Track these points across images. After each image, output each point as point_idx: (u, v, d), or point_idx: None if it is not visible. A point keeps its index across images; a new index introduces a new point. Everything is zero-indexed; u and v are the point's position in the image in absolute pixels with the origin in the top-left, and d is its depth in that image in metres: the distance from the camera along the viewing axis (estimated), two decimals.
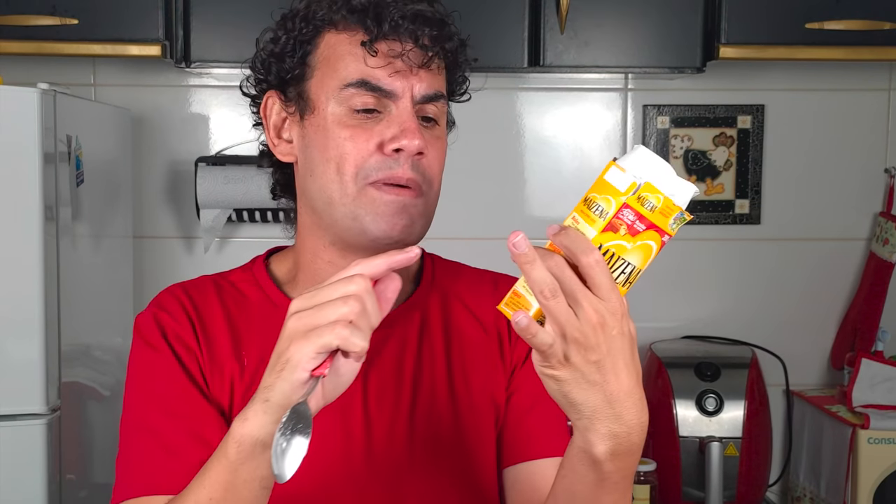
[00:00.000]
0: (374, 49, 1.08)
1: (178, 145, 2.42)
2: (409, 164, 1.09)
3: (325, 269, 1.16)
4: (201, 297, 1.18)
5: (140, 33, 2.06)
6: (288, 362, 0.91)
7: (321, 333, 0.90)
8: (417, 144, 1.08)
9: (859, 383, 2.25)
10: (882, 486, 2.14)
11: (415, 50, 1.09)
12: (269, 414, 0.93)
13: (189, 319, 1.15)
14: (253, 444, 0.94)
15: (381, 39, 1.08)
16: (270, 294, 1.19)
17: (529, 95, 2.46)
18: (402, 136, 1.08)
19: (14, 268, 1.73)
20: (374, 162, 1.09)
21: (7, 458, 1.74)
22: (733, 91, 2.47)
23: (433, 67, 1.11)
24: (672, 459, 2.20)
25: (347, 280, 0.92)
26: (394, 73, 1.09)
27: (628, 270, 0.88)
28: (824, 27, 2.09)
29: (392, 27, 1.08)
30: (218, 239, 2.40)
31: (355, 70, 1.09)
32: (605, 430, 0.91)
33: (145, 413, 1.12)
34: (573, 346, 0.87)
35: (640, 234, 0.87)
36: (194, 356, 1.13)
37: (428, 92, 1.11)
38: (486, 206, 2.41)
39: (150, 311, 1.17)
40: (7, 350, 1.74)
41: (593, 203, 0.88)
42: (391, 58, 1.08)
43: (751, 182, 2.48)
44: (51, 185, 1.77)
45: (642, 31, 2.14)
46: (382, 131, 1.09)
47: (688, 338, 2.47)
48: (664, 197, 0.87)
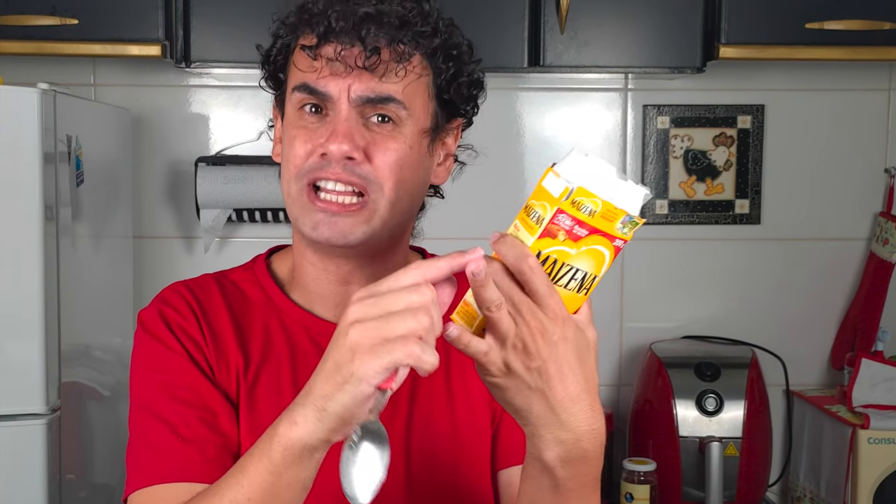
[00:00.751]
0: (315, 53, 1.09)
1: (178, 145, 2.42)
2: (340, 166, 1.08)
3: (309, 270, 1.17)
4: (205, 294, 1.18)
5: (140, 33, 2.06)
6: (352, 376, 0.86)
7: (391, 350, 0.85)
8: (343, 149, 1.07)
9: (859, 383, 2.25)
10: (882, 486, 2.14)
11: (354, 52, 1.07)
12: (325, 423, 0.89)
13: (194, 314, 1.15)
14: (302, 449, 0.91)
15: (325, 43, 1.08)
16: (272, 294, 1.19)
17: (529, 95, 2.46)
18: (330, 140, 1.08)
19: (14, 268, 1.73)
20: (311, 162, 1.10)
21: (7, 458, 1.74)
22: (733, 91, 2.47)
23: (380, 70, 1.08)
24: (672, 459, 2.20)
25: (414, 289, 0.86)
26: (329, 75, 1.08)
27: (580, 277, 0.87)
28: (824, 27, 2.09)
29: (329, 30, 1.08)
30: (218, 239, 2.40)
31: (300, 75, 1.11)
32: (550, 436, 0.91)
33: (156, 403, 1.11)
34: (512, 353, 0.87)
35: (582, 239, 0.85)
36: (201, 350, 1.14)
37: (366, 94, 1.08)
38: (486, 206, 2.41)
39: (154, 306, 1.17)
40: (7, 350, 1.74)
41: (532, 210, 0.88)
42: (328, 61, 1.08)
43: (751, 182, 2.48)
44: (51, 185, 1.77)
45: (642, 31, 2.14)
46: (322, 133, 1.10)
47: (688, 338, 2.47)
48: (602, 201, 0.84)
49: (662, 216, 2.47)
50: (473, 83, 1.19)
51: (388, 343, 0.85)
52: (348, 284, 1.16)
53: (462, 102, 1.18)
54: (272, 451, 0.92)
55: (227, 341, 1.15)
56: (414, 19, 1.10)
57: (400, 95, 1.09)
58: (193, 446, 1.08)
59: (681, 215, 2.47)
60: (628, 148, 2.47)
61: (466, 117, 1.21)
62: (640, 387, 2.36)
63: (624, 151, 2.47)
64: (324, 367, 0.90)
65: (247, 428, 1.12)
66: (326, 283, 1.17)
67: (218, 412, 1.11)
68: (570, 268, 0.86)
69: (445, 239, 2.36)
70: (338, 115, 1.08)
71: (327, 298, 1.18)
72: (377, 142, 1.09)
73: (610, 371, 2.49)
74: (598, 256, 0.86)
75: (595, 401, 0.92)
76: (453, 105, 1.17)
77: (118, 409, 2.18)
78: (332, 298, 1.17)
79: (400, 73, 1.09)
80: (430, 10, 1.13)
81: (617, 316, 2.49)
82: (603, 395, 2.47)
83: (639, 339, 2.48)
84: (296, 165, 1.10)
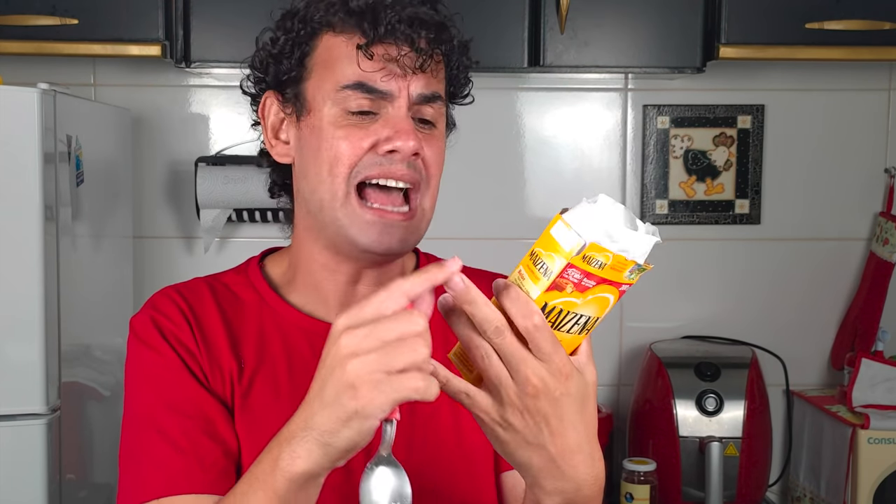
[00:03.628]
0: (370, 52, 1.08)
1: (178, 145, 2.42)
2: (406, 163, 1.09)
3: (321, 272, 1.16)
4: (196, 298, 1.17)
5: (140, 33, 2.06)
6: (357, 413, 0.83)
7: (397, 387, 0.82)
8: (412, 146, 1.08)
9: (859, 383, 2.25)
10: (882, 486, 2.14)
11: (410, 53, 1.09)
12: (330, 456, 0.87)
13: (186, 321, 1.14)
14: (306, 480, 0.89)
15: (378, 43, 1.08)
16: (266, 297, 1.18)
17: (529, 95, 2.46)
18: (397, 136, 1.08)
19: (14, 268, 1.73)
20: (368, 159, 1.09)
21: (7, 458, 1.74)
22: (733, 91, 2.47)
23: (429, 70, 1.10)
24: (672, 459, 2.20)
25: (407, 317, 0.83)
26: (389, 75, 1.09)
27: (582, 322, 0.86)
28: (824, 27, 2.09)
29: (388, 31, 1.08)
30: (218, 239, 2.40)
31: (352, 73, 1.09)
32: (551, 486, 0.91)
33: (152, 414, 1.10)
34: (510, 408, 0.86)
35: (589, 289, 0.84)
36: (194, 357, 1.13)
37: (424, 92, 1.10)
38: (486, 206, 2.41)
39: (145, 313, 1.16)
40: (7, 350, 1.74)
41: (538, 259, 0.85)
42: (387, 61, 1.08)
43: (751, 182, 2.48)
44: (51, 185, 1.76)
45: (642, 31, 2.14)
46: (378, 131, 1.09)
47: (688, 338, 2.47)
48: (613, 255, 0.83)
49: (662, 216, 2.46)
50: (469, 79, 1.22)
51: (392, 378, 0.83)
52: (357, 284, 1.16)
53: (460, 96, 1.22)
54: (276, 483, 0.90)
55: (220, 347, 1.14)
56: (447, 23, 1.13)
57: (443, 93, 1.14)
58: (192, 457, 1.07)
59: (681, 215, 2.47)
60: (628, 148, 2.47)
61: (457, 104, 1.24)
62: (640, 387, 2.36)
63: (624, 151, 2.47)
64: (322, 397, 0.86)
65: (243, 433, 1.11)
66: (335, 283, 1.16)
67: (215, 420, 1.10)
68: (574, 315, 0.85)
69: (446, 239, 2.37)
70: (399, 112, 1.09)
71: (331, 299, 1.17)
72: (427, 140, 1.12)
73: (610, 371, 2.49)
74: (604, 302, 0.85)
75: (595, 448, 0.91)
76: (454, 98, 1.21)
77: (118, 409, 2.16)
78: (336, 299, 1.17)
79: (441, 72, 1.13)
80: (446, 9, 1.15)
81: (617, 316, 2.49)
82: (603, 395, 2.47)
83: (639, 339, 2.48)
84: (349, 164, 1.09)
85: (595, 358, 0.92)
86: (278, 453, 0.90)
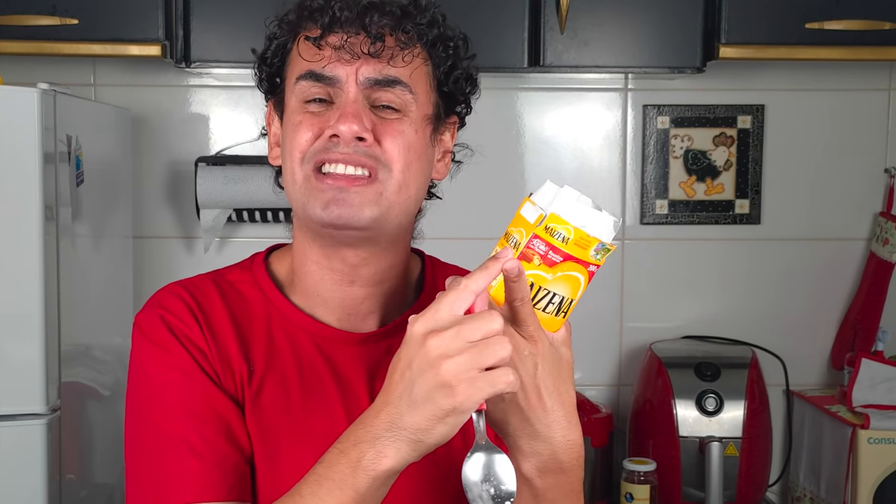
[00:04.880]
0: (319, 43, 1.10)
1: (178, 145, 2.42)
2: (351, 147, 1.08)
3: (316, 271, 1.15)
4: (203, 296, 1.15)
5: (140, 33, 2.06)
6: (455, 409, 0.89)
7: (493, 382, 0.89)
8: (354, 129, 1.07)
9: (859, 383, 2.25)
10: (882, 486, 2.14)
11: (359, 39, 1.09)
12: (419, 451, 0.92)
13: (195, 319, 1.12)
14: (389, 476, 0.94)
15: (330, 33, 1.10)
16: (272, 297, 1.17)
17: (529, 95, 2.46)
18: (340, 121, 1.08)
19: (14, 268, 1.73)
20: (317, 145, 1.09)
21: (7, 458, 1.74)
22: (733, 91, 2.47)
23: (387, 55, 1.10)
24: (672, 459, 2.20)
25: (488, 317, 0.90)
26: (337, 61, 1.09)
27: (557, 301, 0.93)
28: (824, 27, 2.09)
29: (336, 20, 1.09)
30: (218, 239, 2.40)
31: (305, 64, 1.11)
32: (527, 447, 0.96)
33: (166, 417, 1.08)
34: None
35: (557, 265, 0.91)
36: (206, 357, 1.10)
37: (374, 76, 1.09)
38: (486, 206, 2.41)
39: (153, 311, 1.13)
40: (7, 350, 1.74)
41: (510, 236, 0.94)
42: (335, 49, 1.09)
43: (751, 182, 2.48)
44: (51, 185, 1.76)
45: (642, 31, 2.14)
46: (329, 118, 1.09)
47: (688, 338, 2.47)
48: (574, 228, 0.90)
49: (662, 216, 2.46)
50: (469, 78, 1.19)
51: (487, 375, 0.89)
52: (352, 285, 1.15)
53: (460, 96, 1.18)
54: (357, 482, 0.93)
55: (229, 348, 1.12)
56: (414, 10, 1.12)
57: (407, 79, 1.10)
58: (212, 462, 1.05)
59: (681, 215, 2.47)
60: (628, 148, 2.47)
61: (461, 115, 1.21)
62: (640, 387, 2.36)
63: (624, 151, 2.47)
64: (412, 397, 0.91)
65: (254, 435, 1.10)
66: (331, 283, 1.15)
67: (231, 421, 1.08)
68: (547, 292, 0.92)
69: (446, 239, 2.36)
70: (346, 97, 1.09)
71: (330, 301, 1.16)
72: (386, 125, 1.10)
73: (610, 371, 2.49)
74: (574, 282, 0.93)
75: (571, 413, 0.97)
76: (451, 98, 1.17)
77: (118, 409, 2.17)
78: (335, 301, 1.16)
79: (407, 58, 1.10)
80: (427, 3, 1.14)
81: (617, 316, 2.49)
82: (603, 395, 2.47)
83: (639, 339, 2.47)
84: (301, 150, 1.10)
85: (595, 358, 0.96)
86: (359, 454, 0.93)
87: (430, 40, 1.13)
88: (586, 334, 2.46)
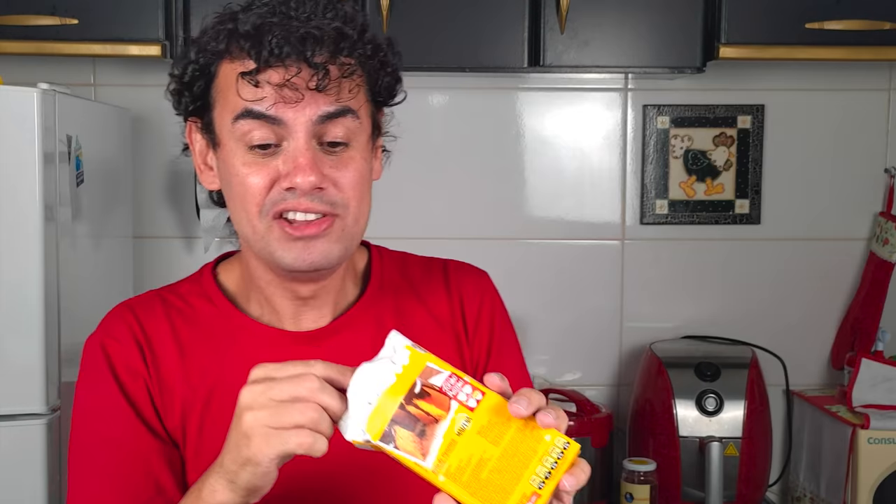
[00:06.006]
0: (256, 80, 1.03)
1: (178, 145, 2.41)
2: (308, 197, 1.05)
3: (269, 288, 1.15)
4: (148, 317, 1.15)
5: (140, 33, 2.06)
6: (249, 461, 0.92)
7: (284, 440, 0.90)
8: (311, 181, 1.04)
9: (859, 383, 2.25)
10: (882, 486, 2.14)
11: (303, 73, 1.02)
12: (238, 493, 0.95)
13: (137, 345, 1.13)
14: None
15: (266, 68, 1.02)
16: (221, 308, 1.17)
17: (529, 95, 2.46)
18: (295, 173, 1.04)
19: (14, 268, 1.73)
20: (273, 195, 1.06)
21: (7, 458, 1.74)
22: (733, 91, 2.47)
23: (332, 89, 1.04)
24: (672, 459, 2.20)
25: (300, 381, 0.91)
26: (280, 101, 1.03)
27: None
28: (824, 27, 2.09)
29: (275, 54, 1.02)
30: (218, 239, 2.40)
31: (242, 103, 1.04)
32: None
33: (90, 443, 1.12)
34: None
35: None
36: (144, 384, 1.12)
37: (325, 111, 1.05)
38: (486, 206, 2.41)
39: (97, 337, 1.15)
40: (7, 350, 1.74)
41: None
42: (276, 86, 1.02)
43: (751, 182, 2.48)
44: (51, 185, 1.77)
45: (642, 31, 2.14)
46: (278, 166, 1.05)
47: (688, 338, 2.47)
48: None
49: (662, 216, 2.46)
50: (399, 79, 1.15)
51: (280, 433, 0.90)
52: (307, 298, 1.15)
53: (390, 98, 1.15)
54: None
55: (172, 370, 1.13)
56: (349, 28, 1.06)
57: (354, 106, 1.07)
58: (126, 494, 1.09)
59: (681, 215, 2.47)
60: (628, 148, 2.47)
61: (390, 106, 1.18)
62: (640, 387, 2.36)
63: (624, 151, 2.47)
64: (228, 440, 0.95)
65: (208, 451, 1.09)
66: (282, 298, 1.15)
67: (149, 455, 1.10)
68: None
69: (447, 238, 2.37)
70: (297, 145, 1.04)
71: (283, 313, 1.16)
72: (337, 165, 1.07)
73: (610, 371, 2.49)
74: None
75: None
76: (383, 102, 1.15)
77: None
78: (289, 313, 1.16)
79: (352, 87, 1.06)
80: (354, 13, 1.09)
81: (617, 316, 2.49)
82: (603, 395, 2.47)
83: (639, 339, 2.47)
84: (257, 203, 1.06)
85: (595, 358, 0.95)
86: (201, 485, 0.98)
87: (367, 56, 1.08)
88: (586, 334, 2.46)
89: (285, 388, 0.91)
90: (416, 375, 0.89)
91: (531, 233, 2.45)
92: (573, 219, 2.46)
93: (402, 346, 0.91)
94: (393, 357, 0.90)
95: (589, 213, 2.47)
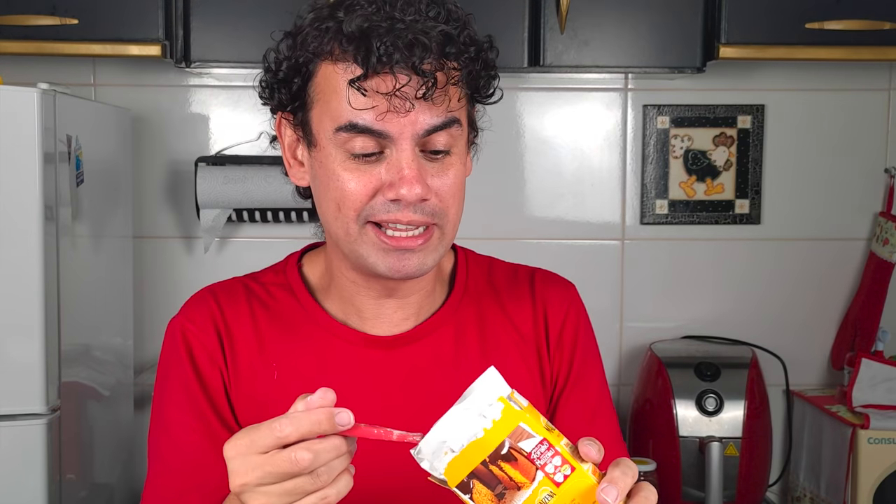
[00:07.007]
0: (363, 88, 0.99)
1: (178, 145, 2.42)
2: (411, 209, 1.03)
3: (351, 287, 1.14)
4: (230, 305, 1.15)
5: (140, 33, 2.06)
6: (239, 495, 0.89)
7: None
8: (418, 193, 1.01)
9: (859, 383, 2.25)
10: (882, 486, 2.14)
11: (412, 83, 0.99)
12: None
13: (217, 332, 1.13)
14: None
15: (373, 75, 0.99)
16: (304, 302, 1.16)
17: (529, 95, 2.46)
18: (401, 183, 1.01)
19: (14, 268, 1.73)
20: (375, 204, 1.04)
21: (7, 458, 1.74)
22: (733, 91, 2.47)
23: (440, 98, 1.01)
24: (672, 459, 2.20)
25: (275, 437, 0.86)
26: (386, 112, 1.00)
27: None
28: (824, 27, 2.09)
29: (383, 62, 0.98)
30: (218, 239, 2.40)
31: (346, 112, 1.01)
32: None
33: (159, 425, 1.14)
34: None
35: None
36: (220, 373, 1.12)
37: (432, 124, 1.02)
38: (486, 206, 2.41)
39: (178, 320, 1.16)
40: (7, 350, 1.74)
41: None
42: (383, 96, 0.99)
43: (751, 182, 2.48)
44: (51, 185, 1.77)
45: (642, 31, 2.14)
46: (381, 175, 1.03)
47: (688, 338, 2.47)
48: None
49: (662, 216, 2.46)
50: (496, 76, 1.13)
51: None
52: (389, 298, 1.14)
53: (489, 97, 1.14)
54: None
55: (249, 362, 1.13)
56: (453, 30, 1.03)
57: (460, 115, 1.06)
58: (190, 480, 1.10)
59: (681, 215, 2.47)
60: (628, 148, 2.47)
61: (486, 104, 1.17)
62: (640, 387, 2.36)
63: (624, 151, 2.47)
64: None
65: None
66: (366, 297, 1.14)
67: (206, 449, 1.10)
68: None
69: None
70: (402, 156, 1.02)
71: (365, 311, 1.15)
72: (439, 172, 1.05)
73: (610, 371, 2.49)
74: None
75: None
76: (480, 100, 1.13)
77: (118, 409, 2.18)
78: (370, 311, 1.15)
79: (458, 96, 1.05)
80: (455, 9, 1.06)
81: (617, 316, 2.49)
82: None
83: (639, 339, 2.47)
84: (355, 209, 1.04)
85: None
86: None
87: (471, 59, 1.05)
88: None
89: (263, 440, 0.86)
90: (505, 435, 0.82)
91: (531, 233, 2.45)
92: (573, 219, 2.46)
93: (496, 399, 0.83)
94: (485, 410, 0.83)
95: (589, 213, 2.47)
